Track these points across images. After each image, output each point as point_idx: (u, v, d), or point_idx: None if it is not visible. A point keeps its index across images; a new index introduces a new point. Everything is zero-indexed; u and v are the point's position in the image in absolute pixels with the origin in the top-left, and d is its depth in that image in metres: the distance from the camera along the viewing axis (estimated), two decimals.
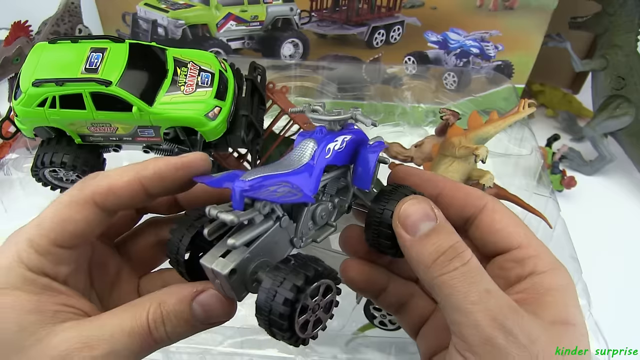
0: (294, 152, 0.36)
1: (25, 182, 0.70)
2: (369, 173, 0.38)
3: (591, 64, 0.90)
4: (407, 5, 0.86)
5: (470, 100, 0.91)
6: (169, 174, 0.34)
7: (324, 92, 0.90)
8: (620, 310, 0.68)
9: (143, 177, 0.34)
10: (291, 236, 0.36)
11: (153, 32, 0.88)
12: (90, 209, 0.33)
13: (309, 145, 0.36)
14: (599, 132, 0.89)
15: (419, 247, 0.33)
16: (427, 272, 0.32)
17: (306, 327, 0.32)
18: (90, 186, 0.34)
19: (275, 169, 0.34)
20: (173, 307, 0.33)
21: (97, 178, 0.34)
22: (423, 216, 0.34)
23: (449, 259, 0.32)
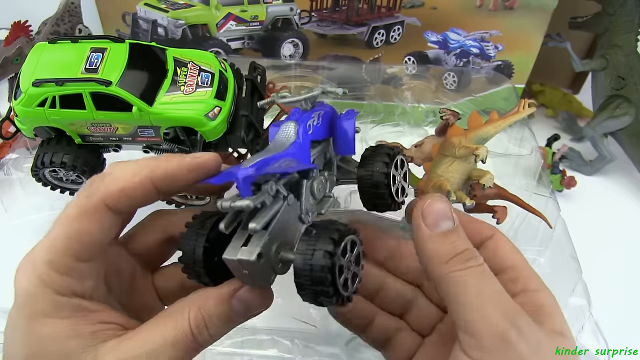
0: (277, 136, 0.37)
1: (25, 182, 0.70)
2: (351, 139, 0.41)
3: (591, 64, 0.90)
4: (407, 5, 0.86)
5: (470, 100, 0.91)
6: (180, 175, 0.34)
7: (323, 92, 0.90)
8: (620, 310, 0.68)
9: (155, 177, 0.33)
10: (298, 214, 0.37)
11: (153, 32, 0.87)
12: (104, 215, 0.32)
13: (291, 126, 0.37)
14: (599, 132, 0.89)
15: (437, 243, 0.34)
16: (441, 267, 0.33)
17: (347, 284, 0.33)
18: (100, 191, 0.32)
19: (268, 153, 0.35)
20: (214, 309, 0.33)
21: (106, 181, 0.33)
22: (444, 215, 0.35)
23: (465, 259, 0.33)
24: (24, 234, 0.69)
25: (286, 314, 0.60)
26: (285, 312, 0.62)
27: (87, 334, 0.31)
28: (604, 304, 0.59)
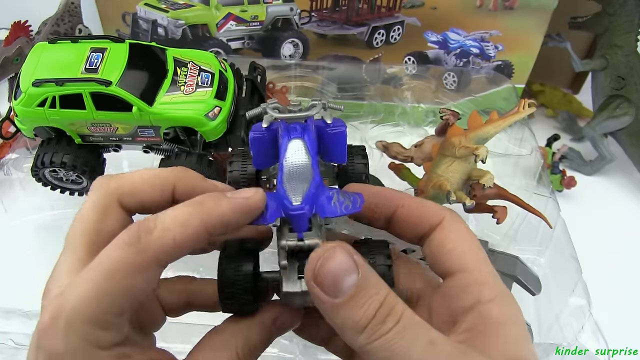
0: (291, 155, 0.35)
1: (25, 182, 0.70)
2: (344, 149, 0.42)
3: (591, 64, 0.90)
4: (407, 5, 0.86)
5: (470, 100, 0.91)
6: (234, 219, 0.31)
7: (324, 92, 0.90)
8: (620, 310, 0.68)
9: (209, 226, 0.30)
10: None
11: (153, 32, 0.87)
12: (155, 272, 0.29)
13: (300, 144, 0.35)
14: (599, 132, 0.89)
15: (346, 312, 0.28)
16: (358, 339, 0.28)
17: None
18: (152, 247, 0.29)
19: (298, 178, 0.33)
20: (259, 338, 0.34)
21: (157, 234, 0.29)
22: (344, 271, 0.28)
23: (380, 321, 0.28)
24: (24, 234, 0.69)
25: None
26: None
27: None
28: (604, 304, 0.59)
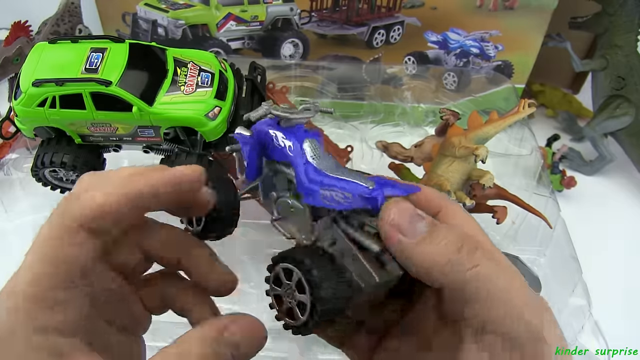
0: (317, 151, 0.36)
1: (25, 182, 0.70)
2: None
3: (591, 64, 0.90)
4: (407, 5, 0.86)
5: (470, 100, 0.91)
6: (164, 189, 0.31)
7: (324, 92, 0.90)
8: (620, 310, 0.68)
9: (131, 194, 0.30)
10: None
11: (153, 32, 0.88)
12: (81, 238, 0.29)
13: (315, 143, 0.36)
14: (599, 132, 0.89)
15: (429, 248, 0.29)
16: (451, 271, 0.29)
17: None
18: (73, 212, 0.29)
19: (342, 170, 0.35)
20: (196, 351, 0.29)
21: (80, 200, 0.29)
22: (416, 215, 0.30)
23: (471, 251, 0.29)
24: (24, 234, 0.69)
25: None
26: None
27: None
28: (604, 304, 0.59)
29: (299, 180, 0.34)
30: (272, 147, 0.36)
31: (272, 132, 0.36)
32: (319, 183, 0.33)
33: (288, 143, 0.35)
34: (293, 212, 0.36)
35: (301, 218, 0.35)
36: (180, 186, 0.31)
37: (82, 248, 0.29)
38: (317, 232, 0.34)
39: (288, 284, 0.32)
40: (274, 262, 0.33)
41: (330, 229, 0.34)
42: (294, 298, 0.31)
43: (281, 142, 0.35)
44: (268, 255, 0.35)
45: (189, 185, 0.32)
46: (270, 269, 0.33)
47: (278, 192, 0.37)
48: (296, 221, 0.36)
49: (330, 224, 0.34)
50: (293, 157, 0.35)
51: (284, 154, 0.35)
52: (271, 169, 0.37)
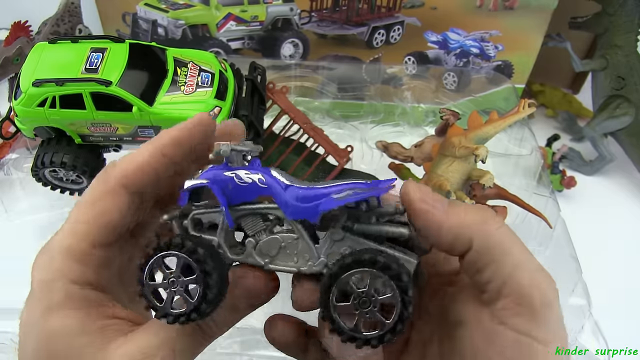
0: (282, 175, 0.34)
1: (25, 182, 0.70)
2: None
3: (591, 64, 0.90)
4: (407, 5, 0.86)
5: (470, 100, 0.91)
6: (185, 135, 0.34)
7: (324, 92, 0.90)
8: (620, 310, 0.68)
9: (164, 146, 0.33)
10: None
11: (153, 32, 0.88)
12: (122, 196, 0.32)
13: (279, 171, 0.35)
14: (599, 132, 0.89)
15: (460, 211, 0.31)
16: (481, 228, 0.30)
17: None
18: (114, 174, 0.32)
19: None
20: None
21: (118, 164, 0.33)
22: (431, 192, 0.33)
23: (493, 218, 0.31)
24: (24, 234, 0.69)
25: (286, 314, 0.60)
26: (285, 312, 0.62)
27: (96, 329, 0.31)
28: (604, 304, 0.59)
29: (287, 203, 0.33)
30: (235, 189, 0.33)
31: (230, 174, 0.34)
32: (314, 196, 0.32)
33: (256, 176, 0.33)
34: (285, 245, 0.34)
35: (298, 245, 0.34)
36: (198, 126, 0.34)
37: (121, 205, 0.32)
38: (325, 250, 0.33)
39: (362, 292, 0.29)
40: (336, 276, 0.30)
41: (341, 241, 0.33)
42: (374, 304, 0.29)
43: (247, 178, 0.33)
44: None
45: (204, 124, 0.34)
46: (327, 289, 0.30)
47: (256, 237, 0.34)
48: (291, 254, 0.34)
49: (341, 233, 0.33)
50: (268, 188, 0.33)
51: (255, 189, 0.33)
52: (235, 216, 0.34)
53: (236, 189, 0.33)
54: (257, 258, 0.34)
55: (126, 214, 0.33)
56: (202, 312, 0.30)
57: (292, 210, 0.33)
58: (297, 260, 0.34)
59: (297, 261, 0.34)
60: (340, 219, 0.33)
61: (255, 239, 0.34)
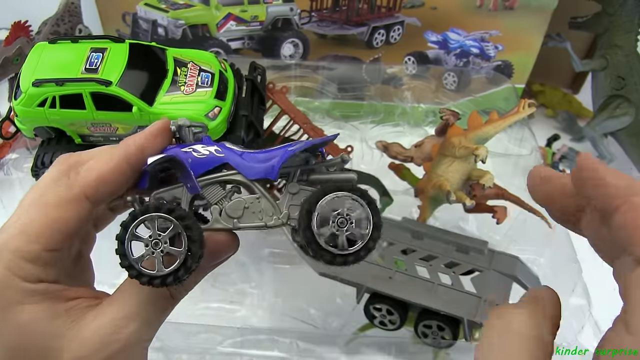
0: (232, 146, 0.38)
1: (25, 182, 0.70)
2: None
3: (591, 64, 0.90)
4: (407, 5, 0.86)
5: (470, 100, 0.91)
6: (148, 144, 0.34)
7: (324, 92, 0.90)
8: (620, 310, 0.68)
9: (129, 156, 0.33)
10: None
11: (153, 32, 0.87)
12: (83, 206, 0.33)
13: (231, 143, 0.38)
14: (599, 132, 0.89)
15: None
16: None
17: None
18: (79, 182, 0.33)
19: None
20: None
21: (83, 172, 0.33)
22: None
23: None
24: None
25: (286, 314, 0.60)
26: (286, 312, 0.62)
27: (64, 312, 0.32)
28: (604, 304, 0.59)
29: (246, 166, 0.36)
30: (194, 162, 0.36)
31: (188, 149, 0.36)
32: (269, 155, 0.36)
33: (212, 148, 0.36)
34: (248, 206, 0.36)
35: (260, 204, 0.36)
36: (161, 134, 0.35)
37: (80, 214, 0.33)
38: (286, 203, 0.36)
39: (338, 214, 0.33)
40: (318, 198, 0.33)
41: (298, 194, 0.36)
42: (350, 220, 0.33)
43: (204, 151, 0.36)
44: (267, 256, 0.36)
45: (166, 131, 0.36)
46: (311, 210, 0.33)
47: (220, 204, 0.37)
48: (256, 212, 0.36)
49: (297, 187, 0.36)
50: (226, 156, 0.36)
51: (213, 160, 0.36)
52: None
53: (195, 162, 0.36)
54: (224, 222, 0.36)
55: (84, 221, 0.33)
56: (189, 268, 0.33)
57: (251, 171, 0.36)
58: (262, 218, 0.36)
59: (262, 218, 0.36)
60: (295, 175, 0.36)
61: (219, 206, 0.37)
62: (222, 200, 0.36)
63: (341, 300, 0.63)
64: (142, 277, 0.32)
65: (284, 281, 0.59)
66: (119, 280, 0.34)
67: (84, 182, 0.33)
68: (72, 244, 0.35)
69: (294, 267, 0.60)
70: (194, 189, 0.36)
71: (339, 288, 0.59)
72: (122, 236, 0.32)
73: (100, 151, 0.34)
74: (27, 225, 0.32)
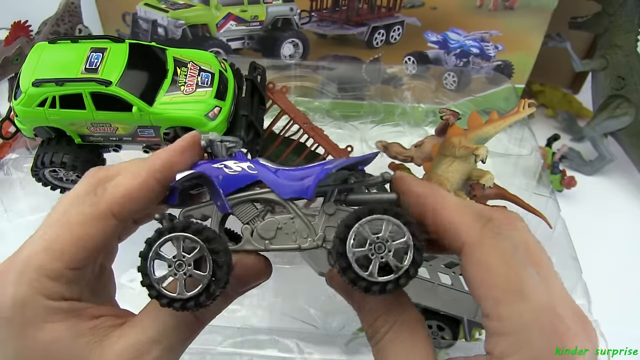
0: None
1: (25, 182, 0.70)
2: None
3: (591, 64, 0.90)
4: (407, 5, 0.86)
5: (470, 100, 0.91)
6: (176, 159, 0.34)
7: (324, 92, 0.90)
8: (620, 310, 0.68)
9: (155, 172, 0.33)
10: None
11: (153, 32, 0.87)
12: (109, 223, 0.32)
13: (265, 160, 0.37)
14: (599, 132, 0.89)
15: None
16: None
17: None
18: (105, 199, 0.32)
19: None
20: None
21: (110, 189, 0.32)
22: None
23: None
24: (24, 234, 0.69)
25: (286, 314, 0.60)
26: (286, 312, 0.62)
27: (87, 331, 0.31)
28: (604, 304, 0.59)
29: (280, 184, 0.34)
30: (225, 179, 0.34)
31: (219, 165, 0.34)
32: (305, 174, 0.34)
33: (244, 164, 0.35)
34: (282, 227, 0.35)
35: (294, 224, 0.34)
36: (189, 150, 0.34)
37: (106, 232, 0.32)
38: (322, 225, 0.34)
39: (377, 237, 0.31)
40: (349, 225, 0.31)
41: (334, 215, 0.34)
42: (389, 248, 0.31)
43: (236, 167, 0.34)
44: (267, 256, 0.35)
45: (194, 147, 0.34)
46: (344, 234, 0.31)
47: (251, 224, 0.35)
48: (289, 234, 0.35)
49: (333, 207, 0.34)
50: (259, 173, 0.34)
51: (245, 177, 0.34)
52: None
53: (226, 179, 0.34)
54: (255, 243, 0.34)
55: (109, 239, 0.33)
56: (211, 294, 0.31)
57: (286, 189, 0.34)
58: (295, 239, 0.34)
59: (296, 240, 0.34)
60: (332, 194, 0.34)
61: (251, 226, 0.35)
62: (254, 220, 0.35)
63: (341, 300, 0.63)
64: (162, 298, 0.31)
65: (284, 281, 0.59)
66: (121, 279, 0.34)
67: (111, 199, 0.32)
68: (96, 259, 0.34)
69: (294, 267, 0.60)
70: (223, 208, 0.34)
71: None
72: (146, 254, 0.31)
73: (128, 165, 0.34)
74: (52, 242, 0.31)
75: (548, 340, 0.27)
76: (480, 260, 0.30)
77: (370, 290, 0.31)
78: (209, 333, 0.57)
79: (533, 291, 0.28)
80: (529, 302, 0.28)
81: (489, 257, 0.29)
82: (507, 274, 0.29)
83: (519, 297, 0.28)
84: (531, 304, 0.28)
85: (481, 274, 0.29)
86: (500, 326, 0.28)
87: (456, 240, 0.31)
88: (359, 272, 0.30)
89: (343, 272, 0.31)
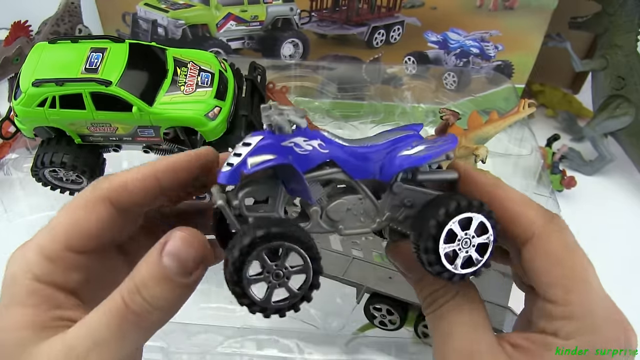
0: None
1: (25, 182, 0.70)
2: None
3: (591, 64, 0.90)
4: (407, 5, 0.86)
5: (470, 100, 0.91)
6: (182, 165, 0.34)
7: (324, 92, 0.90)
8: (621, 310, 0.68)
9: (157, 171, 0.34)
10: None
11: (153, 32, 0.87)
12: (104, 208, 0.33)
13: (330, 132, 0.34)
14: (599, 132, 0.89)
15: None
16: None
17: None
18: (104, 185, 0.33)
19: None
20: (146, 272, 0.30)
21: (111, 176, 0.34)
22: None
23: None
24: (24, 234, 0.69)
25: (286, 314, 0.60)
26: None
27: (40, 326, 0.30)
28: None
29: (352, 164, 0.32)
30: (296, 159, 0.31)
31: (289, 143, 0.31)
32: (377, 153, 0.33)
33: (315, 142, 0.31)
34: (350, 208, 0.33)
35: (362, 205, 0.33)
36: (198, 160, 0.35)
37: (101, 216, 0.32)
38: (389, 204, 0.34)
39: (466, 233, 0.32)
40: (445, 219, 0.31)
41: (399, 194, 0.33)
42: (474, 243, 0.32)
43: (306, 146, 0.31)
44: None
45: (206, 159, 0.35)
46: (439, 229, 0.31)
47: (320, 204, 0.33)
48: (357, 215, 0.33)
49: (402, 186, 0.33)
50: (330, 152, 0.31)
51: (317, 156, 0.31)
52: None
53: (297, 160, 0.30)
54: (325, 225, 0.33)
55: (106, 226, 0.33)
56: (308, 299, 0.31)
57: (358, 170, 0.32)
58: (363, 220, 0.34)
59: (364, 221, 0.34)
60: (399, 174, 0.33)
61: (320, 207, 0.33)
62: (320, 201, 0.33)
63: (341, 300, 0.63)
64: (245, 298, 0.30)
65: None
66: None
67: (109, 186, 0.33)
68: (104, 256, 0.34)
69: None
70: (307, 197, 0.31)
71: (339, 288, 0.59)
72: (234, 275, 0.28)
73: (138, 166, 0.35)
74: (53, 225, 0.32)
75: (614, 327, 0.33)
76: (549, 251, 0.33)
77: (450, 279, 0.32)
78: (210, 333, 0.57)
79: (596, 282, 0.34)
80: (595, 292, 0.33)
81: (557, 248, 0.34)
82: (574, 266, 0.34)
83: (587, 286, 0.33)
84: (597, 294, 0.33)
85: (550, 264, 0.33)
86: (568, 310, 0.32)
87: (526, 231, 0.34)
88: (447, 265, 0.32)
89: (429, 264, 0.32)
